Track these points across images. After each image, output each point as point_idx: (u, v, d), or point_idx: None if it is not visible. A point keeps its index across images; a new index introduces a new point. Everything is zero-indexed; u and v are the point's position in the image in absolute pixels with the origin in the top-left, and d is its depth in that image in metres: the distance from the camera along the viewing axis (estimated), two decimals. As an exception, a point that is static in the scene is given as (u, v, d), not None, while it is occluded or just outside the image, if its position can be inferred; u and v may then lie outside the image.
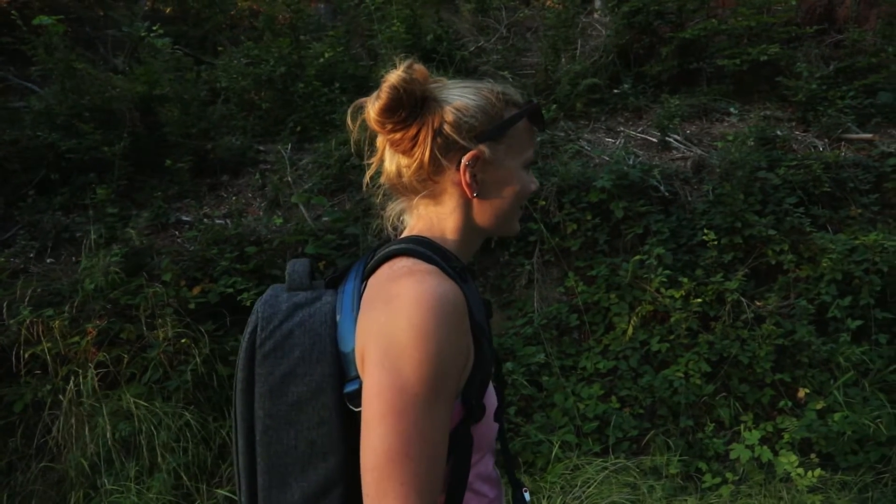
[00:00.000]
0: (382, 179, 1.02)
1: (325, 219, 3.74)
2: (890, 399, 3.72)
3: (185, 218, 4.05)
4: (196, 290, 3.52)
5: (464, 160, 0.96)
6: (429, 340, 0.80)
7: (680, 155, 4.71)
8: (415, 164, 0.96)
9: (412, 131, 0.95)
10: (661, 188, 4.25)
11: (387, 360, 0.81)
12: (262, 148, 4.94)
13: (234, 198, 4.18)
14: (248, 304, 3.27)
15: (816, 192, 4.26)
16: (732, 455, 3.35)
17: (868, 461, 3.38)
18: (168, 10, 8.21)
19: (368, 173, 1.03)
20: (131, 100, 4.26)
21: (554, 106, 5.16)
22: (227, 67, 5.41)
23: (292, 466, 0.88)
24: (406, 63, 0.94)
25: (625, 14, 5.89)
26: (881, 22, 5.15)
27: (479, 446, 0.94)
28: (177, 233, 3.99)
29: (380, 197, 1.05)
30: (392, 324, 0.82)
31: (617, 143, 4.86)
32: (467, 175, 0.96)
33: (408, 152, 0.96)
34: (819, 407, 3.53)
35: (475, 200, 0.99)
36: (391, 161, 1.00)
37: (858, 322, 3.76)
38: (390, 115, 0.94)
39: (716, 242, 3.83)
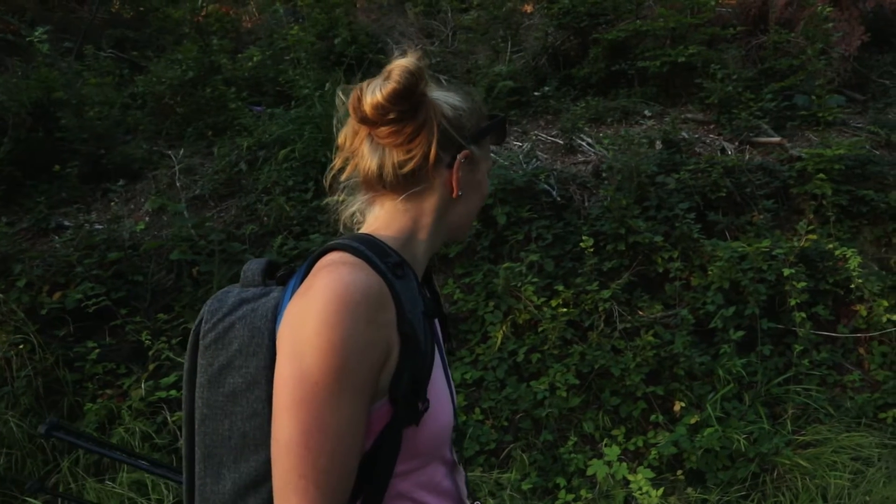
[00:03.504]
0: (347, 176, 0.99)
1: (188, 223, 3.69)
2: (772, 413, 3.58)
3: (66, 223, 4.03)
4: (57, 296, 3.48)
5: (459, 157, 0.96)
6: (332, 329, 0.78)
7: (584, 159, 4.60)
8: (413, 160, 0.92)
9: (414, 124, 0.91)
10: (554, 193, 4.14)
11: (291, 349, 0.80)
12: (169, 153, 4.91)
13: (113, 203, 4.15)
14: (90, 311, 3.23)
15: (713, 198, 4.13)
16: (589, 471, 3.22)
17: (737, 478, 3.25)
18: (131, 15, 8.27)
19: (343, 169, 0.99)
20: (21, 104, 4.25)
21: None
22: (154, 71, 5.40)
23: (226, 457, 0.89)
24: (417, 53, 0.91)
25: (555, 15, 5.80)
26: (804, 23, 5.00)
27: (416, 452, 0.90)
28: (57, 238, 3.96)
29: (341, 195, 1.01)
30: (301, 314, 0.81)
31: (524, 146, 4.75)
32: (459, 173, 0.96)
33: (402, 146, 0.92)
34: (693, 421, 3.40)
35: (454, 200, 0.98)
36: (372, 156, 0.94)
37: (741, 333, 3.62)
38: (400, 101, 0.88)
39: (592, 250, 3.71)
